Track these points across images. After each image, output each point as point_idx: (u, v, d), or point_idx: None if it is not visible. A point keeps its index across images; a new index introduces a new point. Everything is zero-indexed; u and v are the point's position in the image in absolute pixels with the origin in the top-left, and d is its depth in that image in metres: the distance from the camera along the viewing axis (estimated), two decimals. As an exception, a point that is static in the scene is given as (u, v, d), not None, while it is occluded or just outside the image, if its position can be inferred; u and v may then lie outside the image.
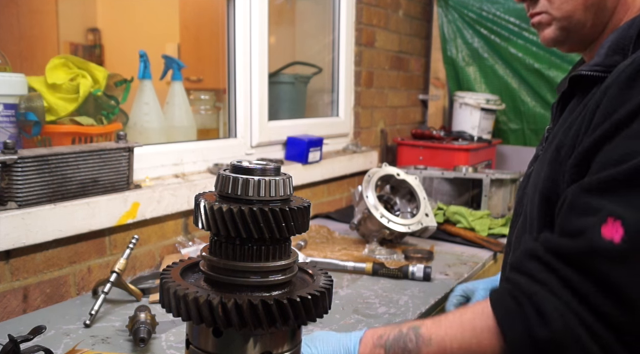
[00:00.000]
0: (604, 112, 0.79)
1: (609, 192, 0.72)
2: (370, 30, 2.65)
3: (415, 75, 3.16)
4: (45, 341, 1.06)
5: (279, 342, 0.66)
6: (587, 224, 0.71)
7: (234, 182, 0.65)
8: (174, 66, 1.83)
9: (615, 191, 0.72)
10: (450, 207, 2.10)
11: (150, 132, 1.71)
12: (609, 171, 0.74)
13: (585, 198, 0.75)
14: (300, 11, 2.74)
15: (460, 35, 3.13)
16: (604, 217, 0.70)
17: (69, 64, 1.48)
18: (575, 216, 0.75)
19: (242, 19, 1.91)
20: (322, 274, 0.72)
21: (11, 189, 1.18)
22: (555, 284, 0.72)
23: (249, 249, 0.65)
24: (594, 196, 0.74)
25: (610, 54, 0.88)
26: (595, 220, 0.71)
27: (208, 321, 0.61)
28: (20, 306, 1.23)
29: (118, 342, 1.08)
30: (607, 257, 0.69)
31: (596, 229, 0.70)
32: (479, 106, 2.93)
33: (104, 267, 1.41)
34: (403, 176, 1.86)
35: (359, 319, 1.23)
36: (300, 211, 0.66)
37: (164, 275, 0.68)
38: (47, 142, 1.40)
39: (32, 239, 1.20)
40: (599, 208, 0.72)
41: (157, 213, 1.49)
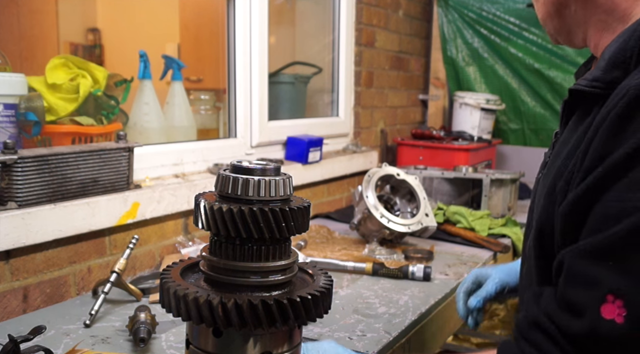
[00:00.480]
0: (595, 155, 0.72)
1: (606, 259, 0.67)
2: (370, 30, 2.65)
3: (415, 75, 3.16)
4: (45, 341, 1.06)
5: (279, 342, 0.66)
6: (587, 301, 0.67)
7: (234, 182, 0.65)
8: (174, 66, 1.83)
9: (612, 257, 0.67)
10: (450, 207, 2.10)
11: (150, 132, 1.71)
12: (604, 233, 0.67)
13: (582, 266, 0.69)
14: (300, 11, 2.74)
15: (460, 35, 3.13)
16: (603, 295, 0.65)
17: (69, 64, 1.48)
18: (574, 287, 0.70)
19: (242, 19, 1.91)
20: (322, 274, 0.72)
21: (11, 189, 1.18)
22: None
23: (249, 249, 0.65)
24: (591, 263, 0.68)
25: (609, 68, 0.78)
26: (594, 297, 0.66)
27: (208, 321, 0.61)
28: (20, 306, 1.23)
29: (118, 342, 1.08)
30: (610, 340, 0.65)
31: (596, 309, 0.66)
32: (479, 106, 2.93)
33: (104, 267, 1.41)
34: (403, 176, 1.86)
35: (359, 319, 1.23)
36: (300, 211, 0.66)
37: (164, 275, 0.68)
38: (47, 142, 1.40)
39: (32, 239, 1.20)
40: (597, 280, 0.67)
41: (157, 213, 1.49)
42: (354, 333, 1.16)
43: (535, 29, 2.95)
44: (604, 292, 0.65)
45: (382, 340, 1.13)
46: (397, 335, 1.17)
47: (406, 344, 1.22)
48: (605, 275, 0.66)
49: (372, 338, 1.14)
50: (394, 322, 1.22)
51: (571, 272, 0.71)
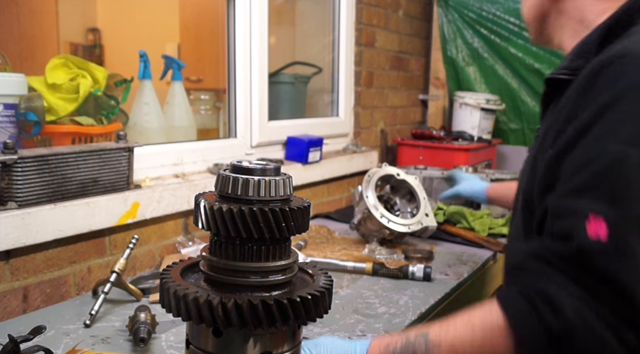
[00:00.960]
0: (565, 119, 0.87)
1: (584, 193, 0.78)
2: (370, 30, 2.65)
3: (415, 75, 3.16)
4: (45, 341, 1.06)
5: (279, 342, 0.66)
6: (572, 225, 0.76)
7: (234, 182, 0.65)
8: (174, 66, 1.83)
9: (589, 191, 0.77)
10: (450, 207, 2.10)
11: (150, 132, 1.71)
12: (579, 175, 0.79)
13: (563, 202, 0.80)
14: (300, 11, 2.74)
15: (460, 35, 3.13)
16: (586, 215, 0.75)
17: (69, 64, 1.48)
18: (560, 219, 0.79)
19: (242, 19, 1.91)
20: (322, 274, 0.72)
21: (11, 189, 1.18)
22: (562, 280, 0.75)
23: (249, 249, 0.65)
24: (572, 199, 0.79)
25: (575, 58, 0.97)
26: (579, 220, 0.75)
27: (208, 321, 0.61)
28: (20, 306, 1.23)
29: (118, 342, 1.08)
30: (599, 256, 0.73)
31: (581, 229, 0.74)
32: (479, 106, 2.93)
33: (104, 267, 1.41)
34: (403, 176, 1.86)
35: (359, 319, 1.23)
36: (300, 211, 0.66)
37: (164, 275, 0.68)
38: (47, 142, 1.40)
39: (32, 239, 1.20)
40: (579, 208, 0.76)
41: (157, 213, 1.49)
42: (354, 333, 1.16)
43: (535, 29, 2.94)
44: (586, 212, 0.75)
45: (382, 340, 1.13)
46: (397, 335, 1.17)
47: (406, 344, 1.22)
48: (586, 203, 0.76)
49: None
50: (394, 322, 1.22)
51: (555, 210, 0.81)
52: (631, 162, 0.76)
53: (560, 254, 0.77)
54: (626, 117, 0.79)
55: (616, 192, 0.75)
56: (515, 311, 0.78)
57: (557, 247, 0.78)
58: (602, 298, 0.72)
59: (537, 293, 0.76)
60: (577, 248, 0.74)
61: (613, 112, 0.80)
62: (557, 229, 0.79)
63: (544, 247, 0.80)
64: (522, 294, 0.78)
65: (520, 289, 0.79)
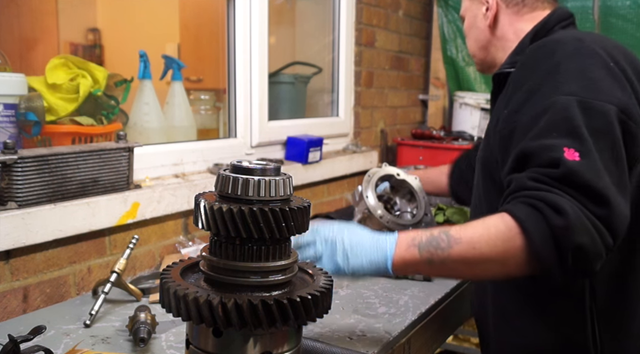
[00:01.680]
0: (515, 87, 1.12)
1: (551, 133, 0.99)
2: (370, 30, 2.65)
3: (415, 75, 3.16)
4: (45, 341, 1.05)
5: (279, 342, 0.66)
6: (556, 155, 0.95)
7: (234, 182, 0.65)
8: (174, 66, 1.83)
9: (555, 131, 0.99)
10: (450, 208, 2.09)
11: (150, 132, 1.71)
12: (540, 120, 1.01)
13: (538, 142, 0.99)
14: (300, 11, 2.74)
15: (460, 35, 3.13)
16: (561, 148, 0.96)
17: (69, 64, 1.48)
18: (543, 153, 0.98)
19: (242, 19, 1.91)
20: (322, 274, 0.72)
21: (11, 189, 1.18)
22: (557, 192, 0.93)
23: (249, 249, 0.65)
24: (544, 139, 0.99)
25: (513, 56, 1.27)
26: (558, 152, 0.96)
27: (208, 321, 0.61)
28: (20, 306, 1.23)
29: (118, 342, 1.08)
30: (580, 171, 0.93)
31: (563, 158, 0.95)
32: (479, 105, 2.93)
33: (104, 267, 1.41)
34: (403, 176, 1.86)
35: (359, 319, 1.23)
36: (300, 211, 0.66)
37: (164, 275, 0.68)
38: (47, 142, 1.40)
39: (32, 239, 1.20)
40: (553, 144, 0.97)
41: (157, 213, 1.49)
42: (354, 333, 1.16)
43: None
44: (561, 147, 0.96)
45: (382, 340, 1.13)
46: (397, 335, 1.17)
47: (406, 344, 1.22)
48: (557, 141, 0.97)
49: (372, 338, 1.14)
50: (394, 322, 1.22)
51: (533, 148, 1.00)
52: (574, 107, 1.00)
53: (553, 175, 0.94)
54: (565, 77, 1.04)
55: (573, 129, 0.98)
56: (524, 215, 0.93)
57: (549, 171, 0.95)
58: (587, 202, 0.91)
59: (540, 200, 0.92)
60: (565, 169, 0.93)
61: (555, 74, 1.06)
62: (544, 160, 0.97)
63: (537, 172, 0.96)
64: (527, 203, 0.94)
65: (524, 201, 0.94)
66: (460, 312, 1.53)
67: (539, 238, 0.91)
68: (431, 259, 0.98)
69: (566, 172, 0.94)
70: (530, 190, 0.96)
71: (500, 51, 1.36)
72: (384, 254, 1.00)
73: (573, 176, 0.93)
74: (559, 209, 0.91)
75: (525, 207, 0.94)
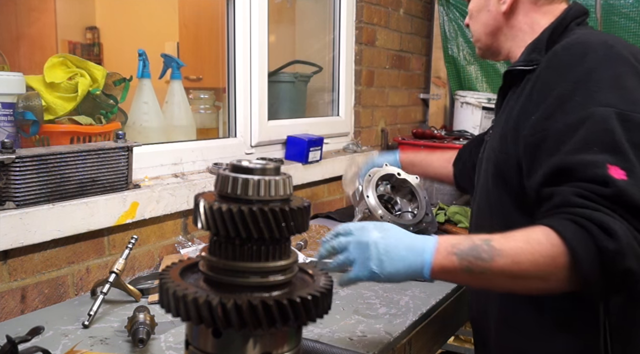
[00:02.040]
0: (542, 91, 1.06)
1: (591, 148, 0.94)
2: (371, 29, 2.64)
3: (416, 74, 3.15)
4: (43, 342, 1.05)
5: (278, 343, 0.66)
6: (602, 173, 0.91)
7: (234, 182, 0.64)
8: (173, 65, 1.82)
9: (594, 146, 0.94)
10: (451, 207, 2.09)
11: (150, 132, 1.71)
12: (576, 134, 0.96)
13: (578, 157, 0.95)
14: (301, 10, 2.74)
15: (461, 33, 3.12)
16: (604, 164, 0.92)
17: (68, 62, 1.47)
18: (585, 169, 0.93)
19: (242, 18, 1.91)
20: (323, 275, 0.72)
21: (9, 188, 1.17)
22: (607, 211, 0.89)
23: (248, 249, 0.64)
24: (583, 154, 0.94)
25: (529, 53, 1.18)
26: (602, 169, 0.91)
27: (207, 322, 0.60)
28: (18, 307, 1.23)
29: (117, 343, 1.08)
30: (630, 191, 0.89)
31: (609, 175, 0.90)
32: (480, 105, 2.92)
33: (103, 267, 1.40)
34: (404, 176, 1.85)
35: (359, 320, 1.22)
36: (300, 211, 0.65)
37: (163, 275, 0.67)
38: (45, 141, 1.39)
39: (30, 239, 1.19)
40: (596, 160, 0.93)
41: (156, 213, 1.48)
42: (355, 334, 1.15)
43: (536, 28, 2.94)
44: (604, 163, 0.92)
45: (382, 341, 1.13)
46: (397, 336, 1.16)
47: (407, 345, 1.22)
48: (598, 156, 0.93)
49: (372, 338, 1.13)
50: (395, 323, 1.22)
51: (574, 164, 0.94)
52: (613, 119, 0.95)
53: (602, 193, 0.90)
54: (599, 85, 1.00)
55: (614, 144, 0.93)
56: (570, 233, 0.89)
57: (597, 189, 0.91)
58: (638, 225, 0.88)
59: (588, 220, 0.88)
60: (616, 188, 0.89)
61: (587, 82, 1.01)
62: (588, 176, 0.92)
63: (583, 188, 0.92)
64: (573, 221, 0.90)
65: (570, 218, 0.91)
66: (461, 313, 1.52)
67: (586, 259, 0.88)
68: (471, 268, 0.94)
69: (617, 192, 0.89)
70: (576, 207, 0.92)
71: (510, 40, 1.29)
72: (422, 260, 0.96)
73: (623, 196, 0.89)
74: (609, 231, 0.87)
75: (571, 225, 0.90)
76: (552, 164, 0.98)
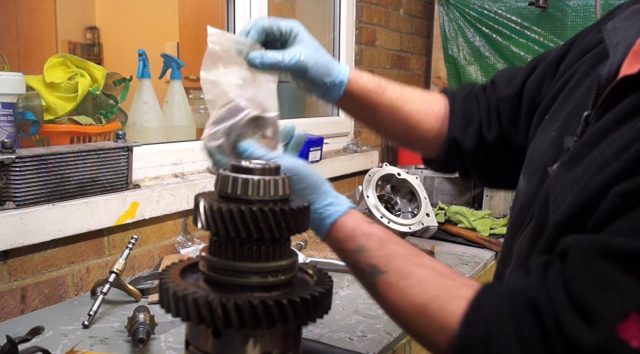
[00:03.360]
0: None
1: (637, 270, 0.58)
2: (371, 29, 2.64)
3: (416, 74, 3.15)
4: (43, 342, 1.05)
5: (278, 343, 0.66)
6: (606, 312, 0.58)
7: (234, 182, 0.64)
8: (173, 65, 1.82)
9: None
10: (452, 207, 2.09)
11: (150, 132, 1.71)
12: None
13: (611, 268, 0.59)
14: (301, 9, 2.73)
15: (461, 33, 3.12)
16: (627, 310, 0.57)
17: (68, 62, 1.47)
18: (593, 288, 0.60)
19: (242, 18, 1.91)
20: (322, 275, 0.71)
21: (9, 188, 1.17)
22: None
23: (248, 249, 0.64)
24: (622, 269, 0.59)
25: None
26: (616, 311, 0.58)
27: (207, 322, 0.60)
28: (18, 307, 1.23)
29: (117, 343, 1.08)
30: None
31: (614, 324, 0.57)
32: (480, 105, 2.92)
33: (103, 267, 1.40)
34: (404, 176, 1.85)
35: (359, 320, 1.22)
36: (300, 211, 0.65)
37: (163, 275, 0.67)
38: (45, 141, 1.39)
39: (30, 239, 1.19)
40: (624, 291, 0.58)
41: (156, 213, 1.48)
42: (355, 334, 1.15)
43: (537, 28, 2.94)
44: (629, 308, 0.57)
45: (382, 341, 1.12)
46: (397, 336, 1.16)
47: (407, 345, 1.22)
48: (633, 288, 0.58)
49: (372, 338, 1.13)
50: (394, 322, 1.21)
51: (593, 268, 0.61)
52: None
53: (570, 335, 0.60)
54: None
55: None
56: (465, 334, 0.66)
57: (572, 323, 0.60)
58: None
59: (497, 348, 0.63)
60: (596, 341, 0.58)
61: None
62: (584, 299, 0.60)
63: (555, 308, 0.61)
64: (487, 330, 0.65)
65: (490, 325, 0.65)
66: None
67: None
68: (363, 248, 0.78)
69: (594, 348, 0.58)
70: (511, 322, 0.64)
71: None
72: None
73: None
74: None
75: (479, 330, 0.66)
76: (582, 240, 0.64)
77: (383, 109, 1.03)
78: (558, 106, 0.91)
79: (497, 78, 1.10)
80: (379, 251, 0.77)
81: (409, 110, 1.05)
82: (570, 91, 0.90)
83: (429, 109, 1.07)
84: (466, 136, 1.05)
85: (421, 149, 1.12)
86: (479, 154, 1.06)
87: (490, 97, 1.08)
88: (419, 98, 1.07)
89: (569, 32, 2.83)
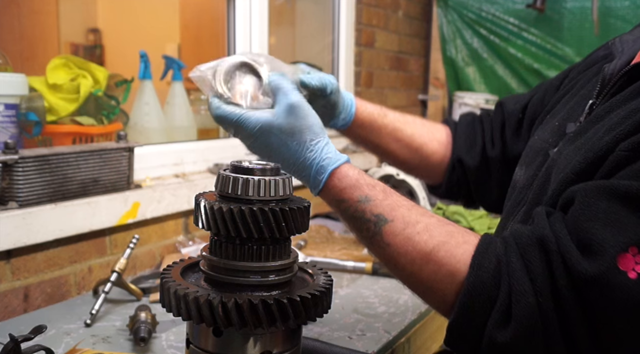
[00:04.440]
0: None
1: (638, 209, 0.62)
2: (370, 31, 2.65)
3: (415, 75, 3.16)
4: (46, 341, 1.06)
5: (279, 341, 0.67)
6: (607, 245, 0.61)
7: (234, 182, 0.65)
8: (175, 66, 1.83)
9: None
10: (450, 207, 2.10)
11: (151, 132, 1.72)
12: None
13: (613, 206, 0.63)
14: (301, 11, 2.74)
15: (459, 35, 3.13)
16: (626, 245, 0.60)
17: (70, 64, 1.48)
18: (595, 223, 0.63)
19: (243, 19, 1.92)
20: (322, 274, 0.72)
21: (12, 189, 1.18)
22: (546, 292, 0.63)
23: (249, 249, 0.65)
24: (624, 207, 0.62)
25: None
26: (616, 243, 0.61)
27: (208, 321, 0.61)
28: (21, 306, 1.24)
29: (118, 341, 1.09)
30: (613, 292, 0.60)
31: (613, 256, 0.60)
32: (479, 105, 2.93)
33: (105, 266, 1.41)
34: (403, 176, 1.86)
35: (358, 319, 1.23)
36: (300, 210, 0.66)
37: (164, 275, 0.68)
38: (47, 142, 1.40)
39: (33, 239, 1.20)
40: (625, 227, 0.61)
41: (158, 213, 1.49)
42: (354, 332, 1.16)
43: (535, 30, 2.95)
44: (629, 242, 0.60)
45: (381, 339, 1.13)
46: (396, 334, 1.17)
47: (406, 344, 1.23)
48: (635, 225, 0.61)
49: (371, 337, 1.14)
50: (394, 321, 1.23)
51: (598, 207, 0.63)
52: None
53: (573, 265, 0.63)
54: None
55: None
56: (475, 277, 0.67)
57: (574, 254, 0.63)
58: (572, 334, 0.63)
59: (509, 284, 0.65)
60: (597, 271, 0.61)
61: None
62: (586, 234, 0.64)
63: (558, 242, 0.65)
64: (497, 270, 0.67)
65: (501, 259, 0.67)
66: (460, 312, 1.53)
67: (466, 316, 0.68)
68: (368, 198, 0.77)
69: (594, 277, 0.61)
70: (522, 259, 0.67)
71: None
72: None
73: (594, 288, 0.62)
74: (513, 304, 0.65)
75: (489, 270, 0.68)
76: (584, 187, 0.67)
77: (387, 132, 1.13)
78: (561, 106, 0.95)
79: (505, 100, 1.18)
80: (383, 200, 0.76)
81: (412, 132, 1.13)
82: (574, 93, 0.95)
83: (431, 134, 1.15)
84: (470, 155, 1.11)
85: (427, 173, 1.18)
86: (482, 172, 1.11)
87: (496, 119, 1.15)
88: (420, 123, 1.17)
89: (566, 34, 2.84)
